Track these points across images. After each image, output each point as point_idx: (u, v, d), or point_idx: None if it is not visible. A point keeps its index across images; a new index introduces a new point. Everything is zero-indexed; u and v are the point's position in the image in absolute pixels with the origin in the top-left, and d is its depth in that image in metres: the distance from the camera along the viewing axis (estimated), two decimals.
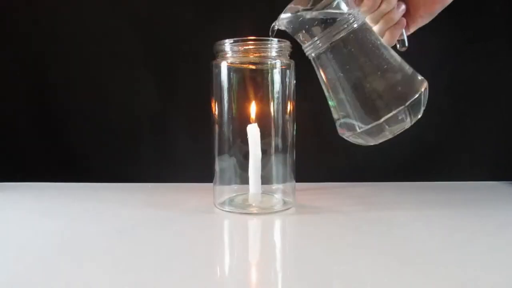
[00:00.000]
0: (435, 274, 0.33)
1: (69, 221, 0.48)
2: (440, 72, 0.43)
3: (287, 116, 0.51)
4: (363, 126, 0.42)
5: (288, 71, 0.51)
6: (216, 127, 0.51)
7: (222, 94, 0.50)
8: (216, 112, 0.51)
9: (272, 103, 0.50)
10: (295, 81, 0.52)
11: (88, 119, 0.71)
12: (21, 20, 0.69)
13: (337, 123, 0.45)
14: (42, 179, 0.68)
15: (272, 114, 0.50)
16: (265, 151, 0.50)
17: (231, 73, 0.50)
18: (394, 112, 0.41)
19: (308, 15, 0.42)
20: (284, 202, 0.51)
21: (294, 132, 0.52)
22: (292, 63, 0.51)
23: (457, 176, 0.69)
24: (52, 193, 0.62)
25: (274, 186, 0.52)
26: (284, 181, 0.52)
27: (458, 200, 0.59)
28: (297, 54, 0.51)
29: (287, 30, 0.45)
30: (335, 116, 0.45)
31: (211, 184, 0.53)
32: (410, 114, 0.41)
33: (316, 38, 0.42)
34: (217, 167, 0.52)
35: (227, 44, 0.49)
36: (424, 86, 0.42)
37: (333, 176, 0.68)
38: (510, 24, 0.67)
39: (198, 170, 0.61)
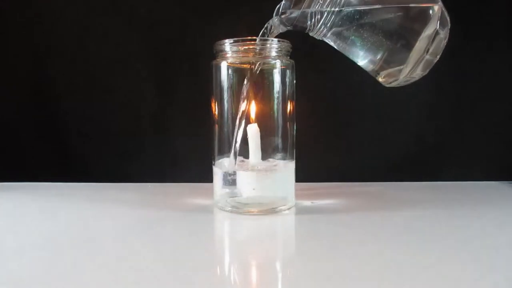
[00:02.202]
0: (435, 274, 0.33)
1: (69, 221, 0.48)
2: (440, 72, 0.43)
3: (287, 116, 0.51)
4: (403, 65, 0.42)
5: (288, 71, 0.51)
6: (216, 127, 0.51)
7: (222, 94, 0.50)
8: (216, 112, 0.51)
9: (272, 103, 0.50)
10: (295, 81, 0.52)
11: (88, 119, 0.71)
12: (21, 19, 0.69)
13: (378, 77, 0.45)
14: (42, 179, 0.68)
15: (272, 114, 0.50)
16: (265, 151, 0.50)
17: (231, 73, 0.50)
18: (429, 38, 0.41)
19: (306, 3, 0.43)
20: (284, 202, 0.51)
21: (294, 132, 0.52)
22: (292, 63, 0.51)
23: (457, 176, 0.69)
24: (52, 193, 0.62)
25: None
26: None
27: (457, 200, 0.59)
28: (297, 54, 0.51)
29: (289, 27, 0.45)
30: (370, 69, 0.45)
31: (211, 184, 0.53)
32: (441, 29, 0.41)
33: (325, 14, 0.42)
34: (217, 167, 0.52)
35: (227, 44, 0.49)
36: (438, 1, 0.42)
37: (333, 176, 0.68)
38: (510, 24, 0.67)
39: (198, 170, 0.61)
